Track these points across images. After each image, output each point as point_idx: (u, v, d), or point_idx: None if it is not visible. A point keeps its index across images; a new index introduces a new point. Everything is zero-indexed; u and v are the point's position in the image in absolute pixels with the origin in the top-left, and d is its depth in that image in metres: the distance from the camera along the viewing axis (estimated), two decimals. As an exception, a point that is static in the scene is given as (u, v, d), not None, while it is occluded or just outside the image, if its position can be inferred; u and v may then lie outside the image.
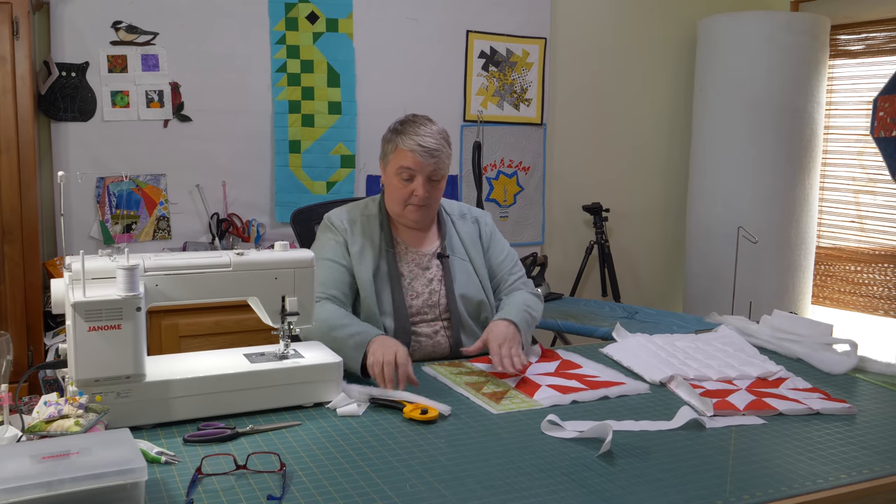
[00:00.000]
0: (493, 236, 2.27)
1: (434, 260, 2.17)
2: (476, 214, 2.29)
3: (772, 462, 1.44)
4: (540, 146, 4.15)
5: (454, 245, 2.20)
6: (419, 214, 2.12)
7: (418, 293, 2.12)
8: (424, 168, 2.05)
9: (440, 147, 2.07)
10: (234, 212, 3.49)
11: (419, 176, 2.06)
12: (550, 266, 4.15)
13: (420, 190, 2.06)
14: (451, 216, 2.25)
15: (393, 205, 2.14)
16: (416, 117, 2.12)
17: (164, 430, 1.53)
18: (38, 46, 3.16)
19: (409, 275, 2.14)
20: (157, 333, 2.90)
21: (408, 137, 2.06)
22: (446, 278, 2.15)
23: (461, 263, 2.18)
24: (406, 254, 2.15)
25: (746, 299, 3.86)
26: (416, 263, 2.15)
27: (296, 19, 3.55)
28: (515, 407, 1.71)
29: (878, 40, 4.19)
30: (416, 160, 2.04)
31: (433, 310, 2.13)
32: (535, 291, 2.24)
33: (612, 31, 4.31)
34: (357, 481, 1.33)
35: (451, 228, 2.22)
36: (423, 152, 2.04)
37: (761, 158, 4.04)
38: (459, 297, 2.13)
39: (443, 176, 2.11)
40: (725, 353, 2.10)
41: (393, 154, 2.09)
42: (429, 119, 2.13)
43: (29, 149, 2.80)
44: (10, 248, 2.79)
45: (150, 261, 1.60)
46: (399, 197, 2.10)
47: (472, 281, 2.17)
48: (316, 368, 1.68)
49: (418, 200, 2.08)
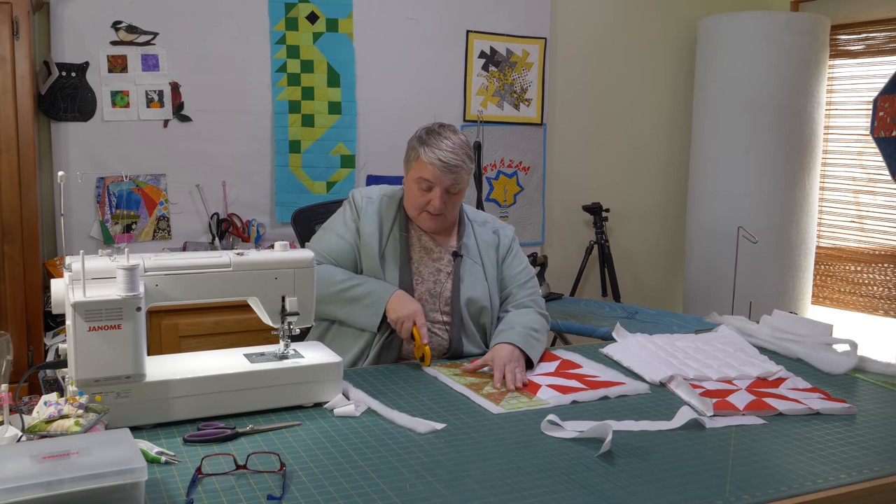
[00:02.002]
0: (511, 249, 2.27)
1: (447, 255, 2.19)
2: (498, 226, 2.30)
3: (772, 462, 1.44)
4: (540, 146, 4.15)
5: (469, 247, 2.21)
6: (434, 223, 2.15)
7: (424, 279, 2.15)
8: (443, 181, 2.07)
9: (460, 163, 2.08)
10: (234, 212, 3.49)
11: (437, 188, 2.08)
12: (550, 266, 4.15)
13: (436, 201, 2.09)
14: (472, 222, 2.26)
15: (410, 209, 2.17)
16: (442, 128, 2.13)
17: (164, 430, 1.52)
18: (38, 46, 3.16)
19: (417, 260, 2.16)
20: (157, 333, 2.90)
21: (429, 150, 2.07)
22: (455, 276, 2.16)
23: (473, 266, 2.19)
24: (420, 240, 2.18)
25: (746, 299, 3.86)
26: (428, 252, 2.18)
27: (296, 19, 3.54)
28: (516, 407, 1.71)
29: (878, 40, 4.19)
30: (435, 174, 2.06)
31: (435, 300, 2.14)
32: (543, 312, 2.21)
33: (612, 31, 4.31)
34: (357, 481, 1.33)
35: (469, 231, 2.24)
36: (443, 167, 2.06)
37: (761, 158, 4.04)
38: (464, 298, 2.14)
39: (461, 189, 2.13)
40: (725, 353, 2.10)
41: (414, 162, 2.11)
42: (454, 131, 2.13)
43: (29, 149, 2.80)
44: (10, 248, 2.79)
45: (150, 261, 1.60)
46: (416, 203, 2.13)
47: (479, 284, 2.17)
48: (316, 368, 1.68)
49: (434, 210, 2.11)
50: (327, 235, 2.18)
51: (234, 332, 2.96)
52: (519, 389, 1.83)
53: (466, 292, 2.14)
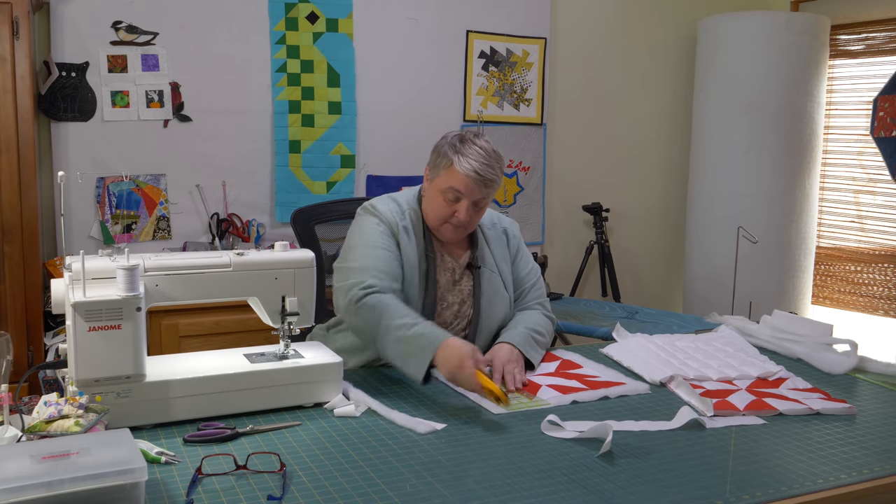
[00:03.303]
0: (519, 248, 2.21)
1: (465, 272, 2.11)
2: (505, 224, 2.22)
3: (772, 462, 1.44)
4: (540, 146, 4.15)
5: (485, 257, 2.13)
6: (455, 234, 2.05)
7: (448, 303, 2.07)
8: (474, 194, 1.97)
9: (495, 177, 1.97)
10: (234, 212, 3.49)
11: (465, 200, 1.97)
12: (550, 266, 4.15)
13: (463, 214, 1.98)
14: (482, 226, 2.17)
15: (431, 218, 2.05)
16: (476, 137, 2.01)
17: (164, 430, 1.52)
18: (38, 46, 3.16)
19: (444, 284, 2.08)
20: (157, 333, 2.90)
21: (465, 160, 1.95)
22: (475, 291, 2.09)
23: (491, 276, 2.12)
24: (442, 262, 2.09)
25: (746, 299, 3.86)
26: (451, 274, 2.10)
27: (296, 19, 3.55)
28: (517, 407, 1.71)
29: (878, 40, 4.19)
30: (468, 185, 1.95)
31: (459, 321, 2.09)
32: (549, 314, 2.18)
33: (612, 32, 4.31)
34: (357, 481, 1.33)
35: (482, 239, 2.15)
36: (478, 180, 1.95)
37: (761, 158, 4.04)
38: (484, 313, 2.08)
39: (488, 203, 2.03)
40: (725, 353, 2.10)
41: (445, 171, 1.98)
42: (487, 140, 2.02)
43: (29, 149, 2.80)
44: (10, 248, 2.79)
45: (150, 261, 1.60)
46: (440, 214, 2.01)
47: (499, 295, 2.11)
48: (316, 368, 1.68)
49: (458, 223, 2.01)
50: (372, 252, 1.95)
51: (234, 332, 2.96)
52: (519, 390, 1.83)
53: (487, 306, 2.08)
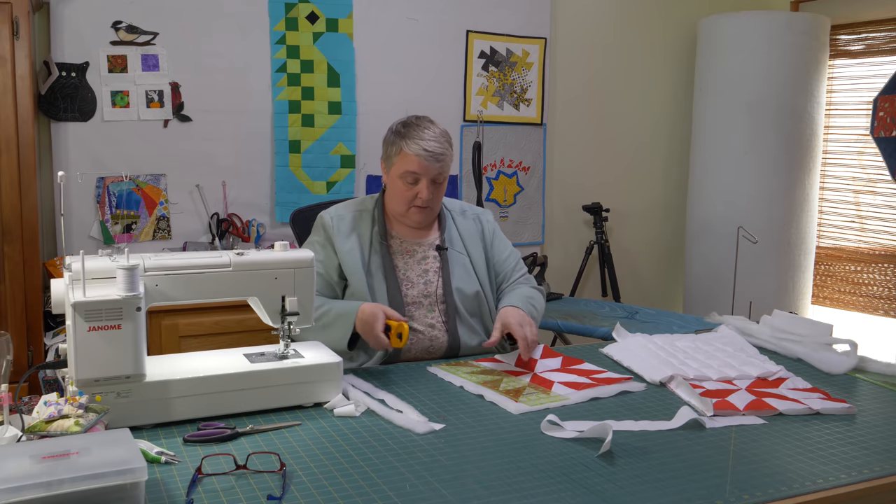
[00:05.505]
0: (495, 234, 2.29)
1: (432, 251, 2.19)
2: (477, 212, 2.32)
3: (772, 462, 1.44)
4: (540, 146, 4.15)
5: (453, 239, 2.22)
6: (423, 215, 2.15)
7: (413, 283, 2.14)
8: (429, 171, 2.08)
9: (444, 151, 2.10)
10: (234, 212, 3.49)
11: (423, 179, 2.09)
12: (550, 266, 4.15)
13: (424, 193, 2.09)
14: (451, 212, 2.27)
15: (396, 206, 2.16)
16: (419, 119, 2.14)
17: (164, 430, 1.52)
18: (38, 46, 3.16)
19: (403, 266, 2.16)
20: (157, 333, 2.90)
21: (412, 142, 2.07)
22: (444, 270, 2.16)
23: (459, 257, 2.20)
24: (401, 246, 2.18)
25: (746, 299, 3.86)
26: (411, 255, 2.18)
27: (296, 19, 3.54)
28: (536, 403, 1.71)
29: (878, 40, 4.19)
30: (422, 164, 2.07)
31: (428, 299, 2.13)
32: (538, 287, 2.27)
33: (612, 31, 4.31)
34: (357, 481, 1.33)
35: (450, 224, 2.24)
36: (429, 157, 2.06)
37: (761, 158, 4.04)
38: (456, 290, 2.15)
39: (445, 178, 2.14)
40: (725, 353, 2.10)
41: (397, 157, 2.11)
42: (430, 121, 2.15)
43: (29, 149, 2.80)
44: (10, 248, 2.79)
45: (150, 261, 1.60)
46: (403, 199, 2.12)
47: (468, 275, 2.19)
48: (316, 368, 1.68)
49: (422, 202, 2.11)
50: None
51: (234, 332, 2.96)
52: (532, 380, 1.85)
53: (457, 283, 2.15)
